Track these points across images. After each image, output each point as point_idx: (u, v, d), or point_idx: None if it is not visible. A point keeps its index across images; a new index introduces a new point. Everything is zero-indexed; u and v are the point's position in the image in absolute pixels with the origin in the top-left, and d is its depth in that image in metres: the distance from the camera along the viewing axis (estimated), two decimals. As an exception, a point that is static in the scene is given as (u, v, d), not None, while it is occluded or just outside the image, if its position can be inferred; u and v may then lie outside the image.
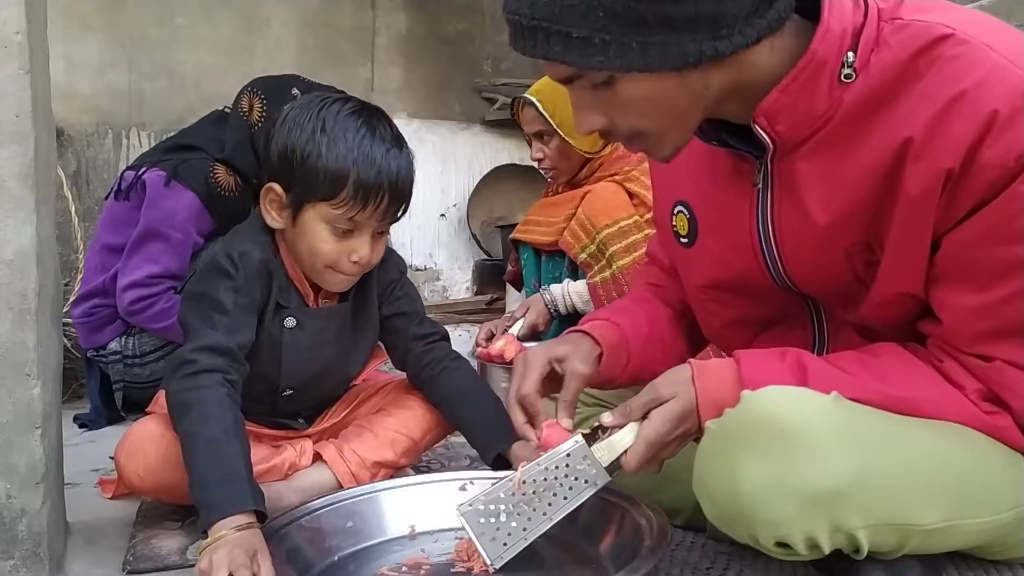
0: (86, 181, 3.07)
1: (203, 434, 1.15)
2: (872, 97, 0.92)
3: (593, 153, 2.18)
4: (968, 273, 0.91)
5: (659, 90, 0.90)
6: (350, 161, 1.26)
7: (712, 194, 1.11)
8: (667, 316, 1.31)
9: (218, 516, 1.05)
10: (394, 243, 3.46)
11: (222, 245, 1.36)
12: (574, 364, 1.15)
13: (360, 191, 1.26)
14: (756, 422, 0.88)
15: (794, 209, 1.00)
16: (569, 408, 1.13)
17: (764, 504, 0.87)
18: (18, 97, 1.09)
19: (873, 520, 0.87)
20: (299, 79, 2.11)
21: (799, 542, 0.88)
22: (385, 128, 1.32)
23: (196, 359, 1.22)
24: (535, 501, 1.05)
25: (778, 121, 0.95)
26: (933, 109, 0.88)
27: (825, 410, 0.89)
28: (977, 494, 0.93)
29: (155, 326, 2.05)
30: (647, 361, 1.24)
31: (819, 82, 0.93)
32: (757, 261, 1.07)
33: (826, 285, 1.04)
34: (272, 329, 1.36)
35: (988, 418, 0.94)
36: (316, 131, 1.28)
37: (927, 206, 0.90)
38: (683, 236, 1.18)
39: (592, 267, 2.11)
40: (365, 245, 1.31)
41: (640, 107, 0.93)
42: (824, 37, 0.92)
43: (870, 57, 0.92)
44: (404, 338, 1.50)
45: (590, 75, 0.91)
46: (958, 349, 0.95)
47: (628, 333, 1.23)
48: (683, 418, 0.98)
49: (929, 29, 0.90)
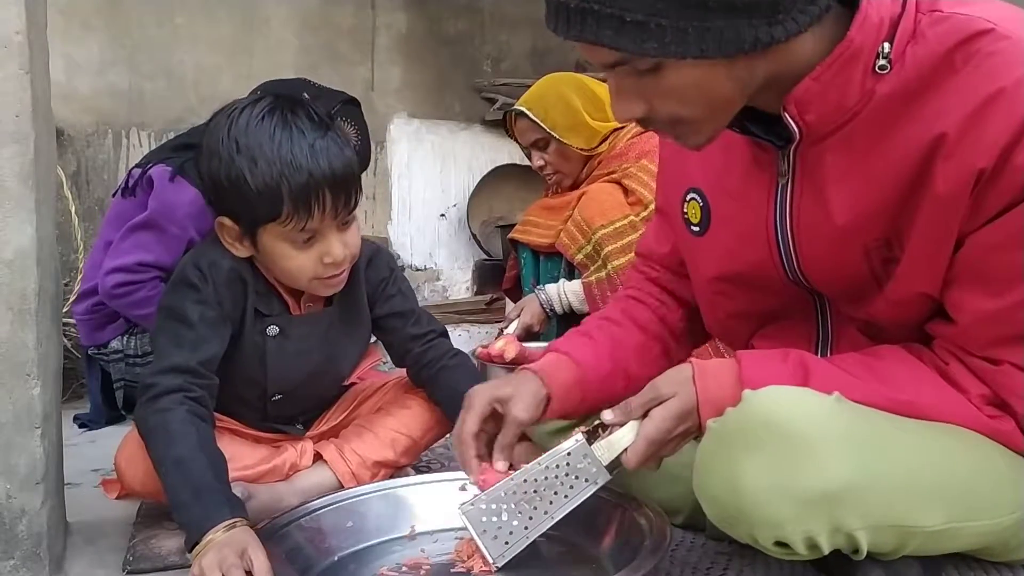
0: (86, 181, 3.07)
1: (170, 456, 1.15)
2: (905, 90, 0.90)
3: (591, 150, 2.18)
4: (986, 276, 0.90)
5: (707, 78, 0.87)
6: (276, 174, 1.19)
7: (728, 182, 1.09)
8: (636, 345, 1.26)
9: (199, 532, 1.05)
10: (394, 243, 3.46)
11: (193, 255, 1.34)
12: (514, 409, 1.11)
13: (299, 201, 1.20)
14: (757, 422, 0.88)
15: (815, 202, 0.98)
16: (506, 452, 1.10)
17: (764, 504, 0.87)
18: (18, 97, 1.09)
19: (873, 521, 0.87)
20: (308, 83, 2.09)
21: (798, 542, 0.87)
22: (302, 119, 1.23)
23: (156, 383, 1.22)
24: (536, 500, 1.05)
25: (808, 110, 0.93)
26: (969, 106, 0.86)
27: (826, 411, 0.88)
28: (979, 497, 0.92)
29: (136, 313, 2.01)
30: (606, 396, 1.19)
31: (853, 71, 0.90)
32: (771, 253, 1.05)
33: (839, 281, 1.03)
34: (255, 337, 1.35)
35: (991, 422, 0.93)
36: (233, 154, 1.21)
37: (955, 206, 0.88)
38: (695, 224, 1.16)
39: (588, 267, 2.11)
40: (333, 244, 1.27)
41: (685, 95, 0.89)
42: (863, 25, 0.89)
43: (906, 49, 0.90)
44: (401, 338, 1.49)
45: (637, 61, 0.87)
46: (967, 351, 0.94)
47: (586, 371, 1.19)
48: (683, 417, 0.97)
49: (969, 23, 0.88)
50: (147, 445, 1.19)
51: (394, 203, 3.50)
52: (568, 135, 2.15)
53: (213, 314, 1.29)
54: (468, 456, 1.10)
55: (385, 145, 3.45)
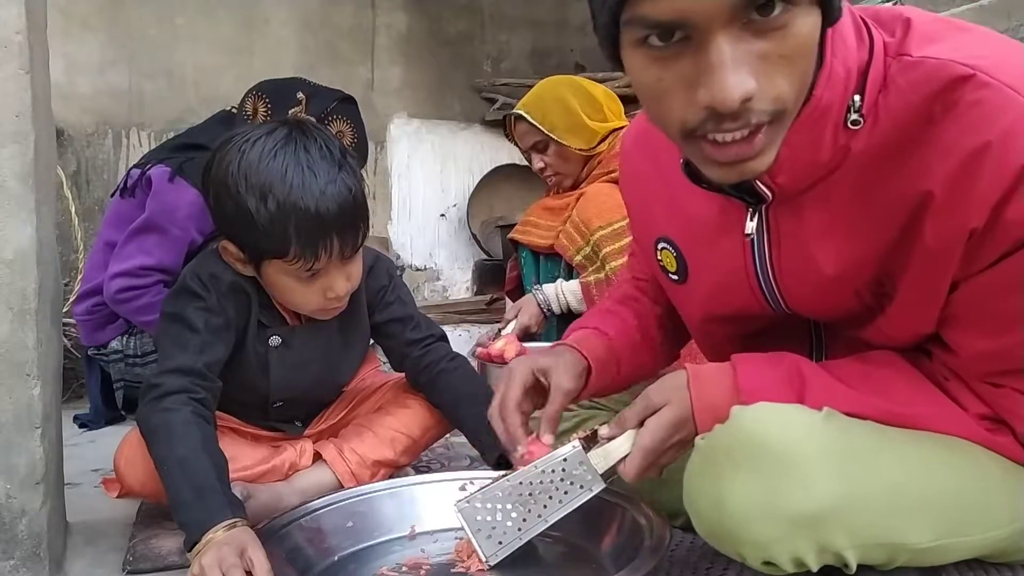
0: (86, 181, 3.07)
1: (172, 456, 1.15)
2: (883, 144, 0.85)
3: (590, 150, 2.19)
4: (983, 318, 0.88)
5: (814, 34, 0.78)
6: (285, 217, 1.18)
7: (698, 233, 1.05)
8: (655, 315, 1.26)
9: (199, 533, 1.05)
10: (394, 243, 3.47)
11: (194, 266, 1.34)
12: (559, 379, 1.09)
13: (307, 245, 1.20)
14: (743, 440, 0.86)
15: (799, 257, 0.95)
16: (551, 424, 1.08)
17: (749, 524, 0.85)
18: (18, 97, 1.09)
19: (860, 540, 0.85)
20: (304, 82, 2.09)
21: (786, 562, 0.86)
22: (315, 157, 1.21)
23: (161, 382, 1.23)
24: (531, 502, 1.05)
25: (779, 173, 0.87)
26: (954, 162, 0.81)
27: (814, 429, 0.86)
28: (971, 512, 0.90)
29: (140, 319, 2.02)
30: (637, 366, 1.21)
31: (823, 130, 0.85)
32: (755, 296, 1.03)
33: (831, 314, 1.01)
34: (257, 347, 1.36)
35: (989, 435, 0.92)
36: (242, 189, 1.19)
37: (948, 258, 0.85)
38: (672, 273, 1.13)
39: (587, 268, 2.11)
40: (337, 280, 1.27)
41: (805, 55, 0.78)
42: (828, 81, 0.83)
43: (878, 99, 0.85)
44: (399, 344, 1.50)
45: (776, 14, 0.74)
46: (967, 375, 0.92)
47: (616, 343, 1.18)
48: (679, 425, 0.96)
49: (943, 69, 0.82)
50: (149, 444, 1.19)
51: (394, 203, 3.51)
52: (567, 137, 2.15)
53: (218, 321, 1.30)
54: (514, 426, 1.08)
55: (385, 145, 3.45)
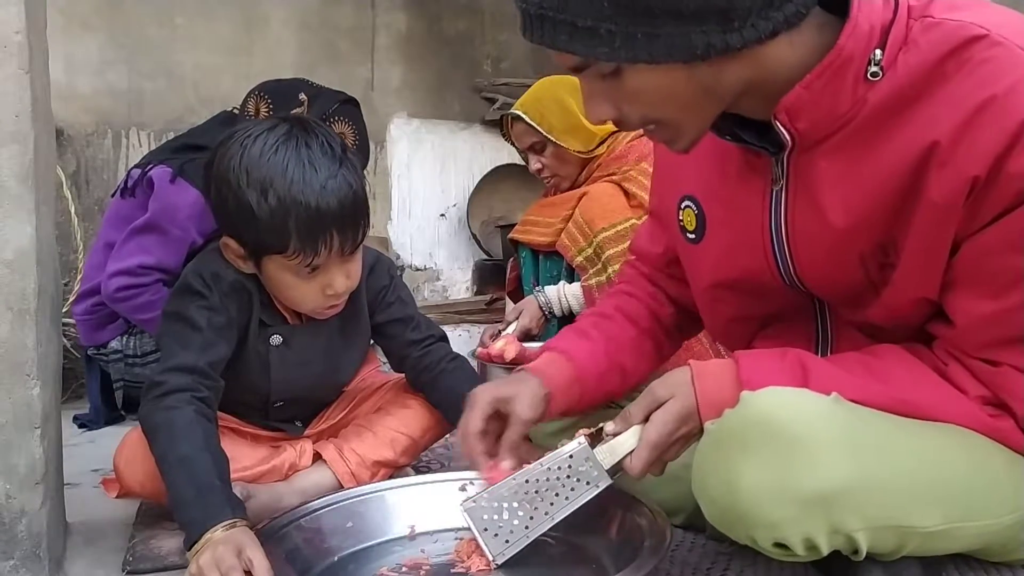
0: (86, 181, 3.07)
1: (174, 453, 1.15)
2: (898, 97, 0.90)
3: (588, 152, 2.18)
4: (984, 279, 0.90)
5: (667, 82, 0.88)
6: (285, 211, 1.19)
7: (722, 189, 1.09)
8: (629, 339, 1.27)
9: (199, 531, 1.05)
10: (394, 243, 3.46)
11: (195, 265, 1.34)
12: (518, 408, 1.12)
13: (307, 240, 1.20)
14: (754, 423, 0.88)
15: (810, 209, 0.98)
16: (512, 450, 1.11)
17: (762, 506, 0.87)
18: (18, 97, 1.09)
19: (871, 522, 0.87)
20: (307, 83, 2.09)
21: (797, 543, 0.87)
22: (316, 153, 1.22)
23: (164, 380, 1.23)
24: (537, 500, 1.05)
25: (799, 118, 0.93)
26: (961, 114, 0.85)
27: (824, 411, 0.88)
28: (978, 497, 0.92)
29: (139, 316, 2.02)
30: (603, 392, 1.23)
31: (844, 79, 0.90)
32: (767, 259, 1.06)
33: (836, 286, 1.03)
34: (258, 346, 1.36)
35: (991, 420, 0.93)
36: (243, 184, 1.20)
37: (950, 213, 0.88)
38: (690, 232, 1.16)
39: (588, 270, 2.09)
40: (336, 277, 1.27)
41: (648, 98, 0.91)
42: (852, 33, 0.89)
43: (898, 56, 0.89)
44: (400, 344, 1.50)
45: (598, 65, 0.89)
46: (966, 353, 0.94)
47: (582, 368, 1.20)
48: (684, 419, 0.98)
49: (961, 29, 0.87)
50: (151, 442, 1.19)
51: (394, 203, 3.50)
52: (565, 138, 2.14)
53: (220, 319, 1.30)
54: (476, 452, 1.11)
55: (385, 145, 3.45)
